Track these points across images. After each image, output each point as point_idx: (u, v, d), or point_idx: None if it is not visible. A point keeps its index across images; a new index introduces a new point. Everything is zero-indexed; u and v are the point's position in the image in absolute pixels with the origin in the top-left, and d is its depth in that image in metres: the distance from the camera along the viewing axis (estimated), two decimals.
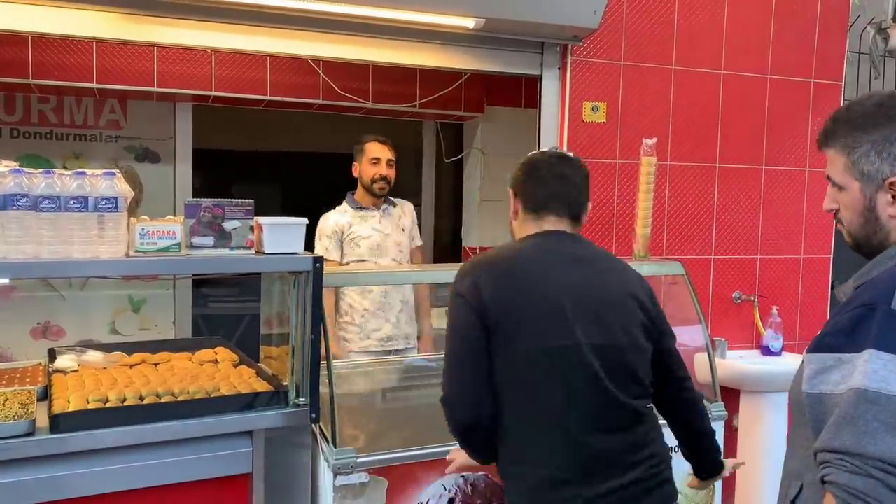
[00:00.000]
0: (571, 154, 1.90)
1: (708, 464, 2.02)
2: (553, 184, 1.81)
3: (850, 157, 1.33)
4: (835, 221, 1.45)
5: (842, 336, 1.20)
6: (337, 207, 3.53)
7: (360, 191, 3.50)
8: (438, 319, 3.60)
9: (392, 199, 3.58)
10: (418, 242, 3.68)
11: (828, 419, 1.18)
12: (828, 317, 3.79)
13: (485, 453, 1.73)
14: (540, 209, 1.80)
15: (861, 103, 1.34)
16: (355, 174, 3.50)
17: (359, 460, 2.10)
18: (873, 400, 1.11)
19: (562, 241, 1.78)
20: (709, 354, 2.75)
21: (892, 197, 1.29)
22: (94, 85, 3.64)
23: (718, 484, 2.67)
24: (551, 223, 1.80)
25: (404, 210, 3.61)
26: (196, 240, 2.06)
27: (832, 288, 3.85)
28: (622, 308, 1.74)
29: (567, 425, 1.64)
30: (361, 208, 3.47)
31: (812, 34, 3.68)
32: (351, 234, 3.41)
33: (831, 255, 3.80)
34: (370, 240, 3.40)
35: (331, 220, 3.45)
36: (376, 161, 3.42)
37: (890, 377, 1.11)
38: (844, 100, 3.87)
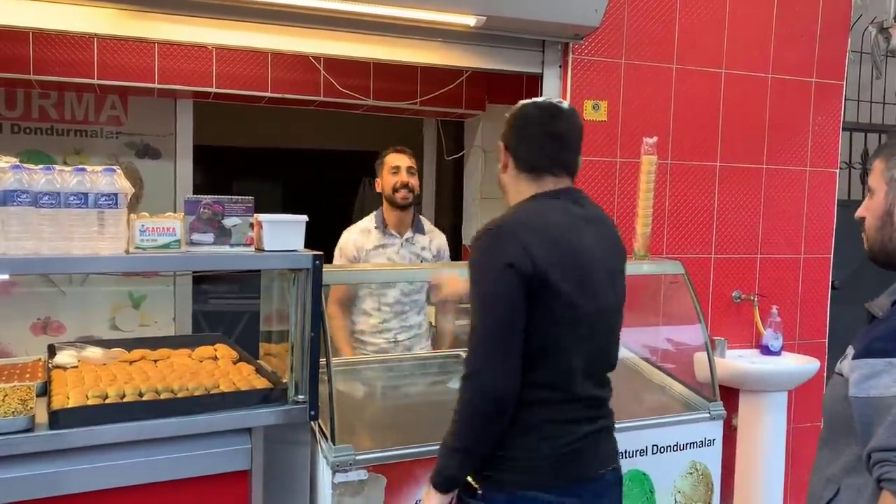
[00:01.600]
0: (566, 105, 1.82)
1: None
2: (549, 146, 1.77)
3: (887, 164, 1.40)
4: (861, 232, 1.49)
5: (892, 341, 1.25)
6: (363, 220, 3.38)
7: (385, 206, 3.30)
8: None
9: (424, 224, 3.40)
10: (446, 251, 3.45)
11: (876, 422, 1.22)
12: (827, 318, 3.80)
13: (497, 435, 1.67)
14: (536, 170, 1.77)
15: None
16: (378, 190, 3.33)
17: (357, 458, 2.10)
18: None
19: (571, 201, 1.77)
20: (708, 354, 2.75)
21: None
22: (95, 81, 3.64)
23: (717, 482, 2.68)
24: (551, 183, 1.77)
25: (433, 240, 3.38)
26: (196, 236, 2.06)
27: (833, 288, 3.85)
28: (620, 269, 1.86)
29: (581, 381, 1.72)
30: (385, 232, 3.28)
31: (814, 33, 3.67)
32: (367, 258, 3.25)
33: (831, 255, 3.80)
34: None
35: (352, 242, 3.28)
36: (396, 170, 3.24)
37: None
38: (846, 99, 3.87)
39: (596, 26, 3.08)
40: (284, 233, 2.11)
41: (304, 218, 2.14)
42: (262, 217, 2.11)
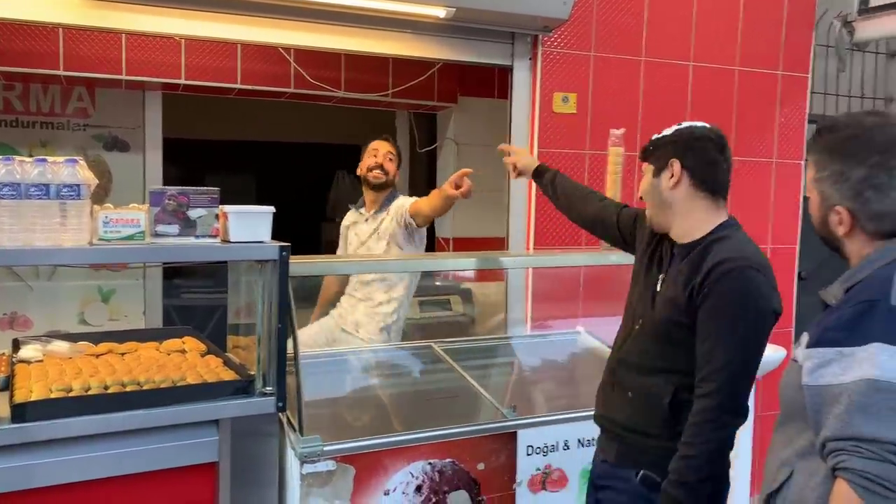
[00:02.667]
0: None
1: None
2: (724, 173, 1.87)
3: (817, 174, 1.43)
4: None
5: (842, 331, 1.28)
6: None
7: (364, 188, 3.43)
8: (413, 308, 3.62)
9: (394, 202, 3.36)
10: (409, 202, 3.30)
11: (826, 409, 1.25)
12: (794, 308, 3.86)
13: None
14: (716, 192, 1.86)
15: (840, 128, 1.42)
16: (358, 172, 3.44)
17: (325, 448, 2.11)
18: (885, 389, 1.19)
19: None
20: None
21: (840, 221, 1.40)
22: (61, 72, 3.59)
23: None
24: (724, 207, 1.89)
25: (390, 210, 3.36)
26: (161, 228, 2.04)
27: (799, 278, 3.92)
28: None
29: None
30: (359, 210, 3.45)
31: (780, 27, 3.72)
32: (347, 235, 3.49)
33: (798, 246, 3.86)
34: (352, 245, 3.45)
35: (344, 220, 3.54)
36: (374, 153, 3.36)
37: None
38: (812, 93, 3.93)
39: (565, 18, 3.10)
40: (251, 224, 2.10)
41: (271, 209, 2.13)
42: (228, 208, 2.10)
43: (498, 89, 4.49)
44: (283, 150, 6.71)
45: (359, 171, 3.43)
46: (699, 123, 1.89)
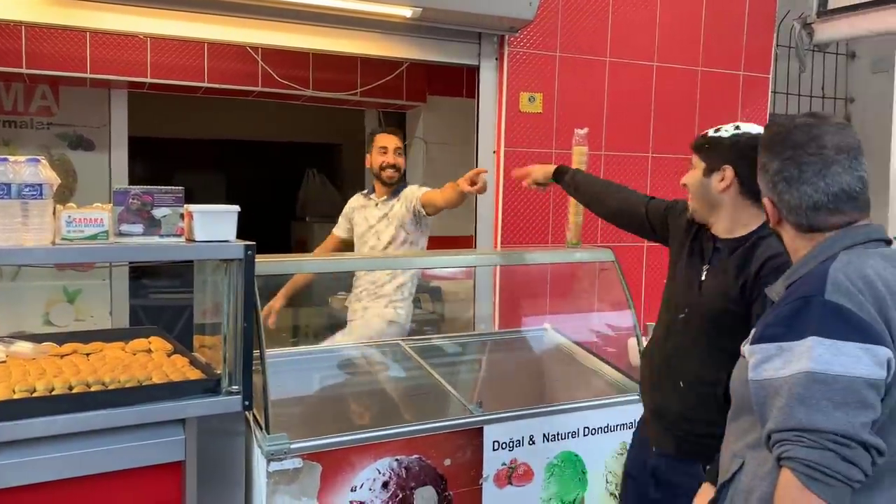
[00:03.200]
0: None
1: None
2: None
3: (762, 173, 1.50)
4: None
5: (782, 326, 1.32)
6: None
7: (375, 180, 3.48)
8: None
9: (404, 191, 3.42)
10: (420, 192, 3.36)
11: (770, 402, 1.29)
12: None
13: None
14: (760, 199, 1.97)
15: (774, 126, 1.50)
16: (367, 165, 3.51)
17: (292, 446, 2.12)
18: (821, 380, 1.23)
19: None
20: (637, 339, 2.84)
21: (770, 214, 1.49)
22: (24, 70, 3.55)
23: None
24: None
25: (401, 197, 3.42)
26: (125, 227, 2.03)
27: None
28: None
29: None
30: (370, 196, 3.49)
31: (741, 29, 3.80)
32: (353, 217, 3.52)
33: None
34: (359, 227, 3.48)
35: (351, 202, 3.57)
36: (384, 150, 3.41)
37: (833, 360, 1.23)
38: (772, 92, 4.02)
39: (530, 19, 3.13)
40: (215, 223, 2.10)
41: (236, 208, 2.13)
42: (193, 207, 2.09)
43: (466, 88, 4.52)
44: (252, 149, 6.69)
45: (368, 165, 3.50)
46: (755, 129, 1.90)
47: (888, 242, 1.45)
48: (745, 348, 1.40)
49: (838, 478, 1.21)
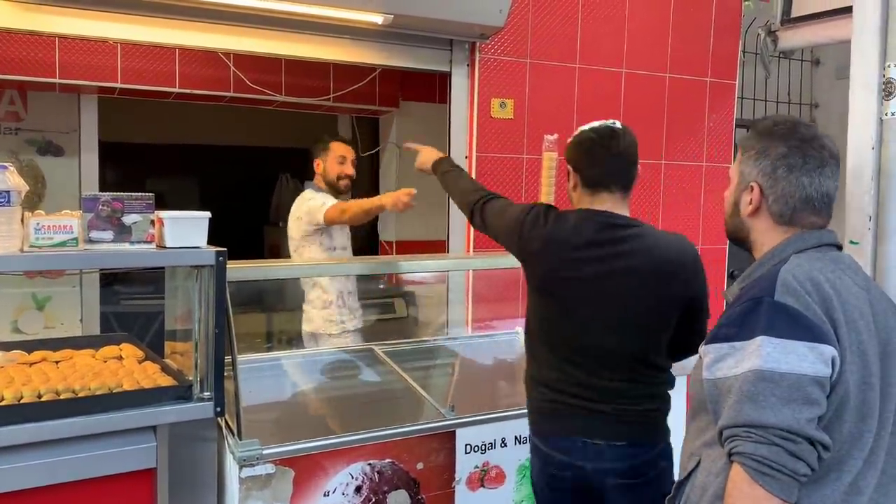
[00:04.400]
0: (619, 126, 2.06)
1: None
2: (608, 164, 2.03)
3: (742, 157, 1.55)
4: None
5: (733, 326, 1.37)
6: (316, 196, 3.41)
7: (326, 188, 3.48)
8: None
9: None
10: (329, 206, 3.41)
11: (723, 400, 1.34)
12: (724, 308, 4.00)
13: None
14: (597, 186, 2.04)
15: (770, 119, 1.56)
16: (317, 170, 3.50)
17: (264, 452, 2.12)
18: (769, 378, 1.27)
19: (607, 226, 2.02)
20: None
21: (750, 201, 1.50)
22: None
23: None
24: (601, 200, 2.04)
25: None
26: (94, 234, 2.03)
27: (730, 276, 4.07)
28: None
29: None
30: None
31: (707, 36, 3.87)
32: (328, 231, 3.42)
33: (727, 246, 4.01)
34: (341, 238, 3.46)
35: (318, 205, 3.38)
36: (342, 160, 3.47)
37: (781, 358, 1.28)
38: (739, 98, 4.10)
39: (500, 26, 3.17)
40: (186, 229, 2.10)
41: (207, 214, 2.14)
42: (163, 214, 2.10)
43: (439, 94, 4.55)
44: (225, 154, 6.65)
45: (318, 170, 3.49)
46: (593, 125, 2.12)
47: (839, 248, 1.50)
48: (701, 348, 1.44)
49: (785, 472, 1.26)
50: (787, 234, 1.48)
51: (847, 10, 3.44)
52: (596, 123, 2.09)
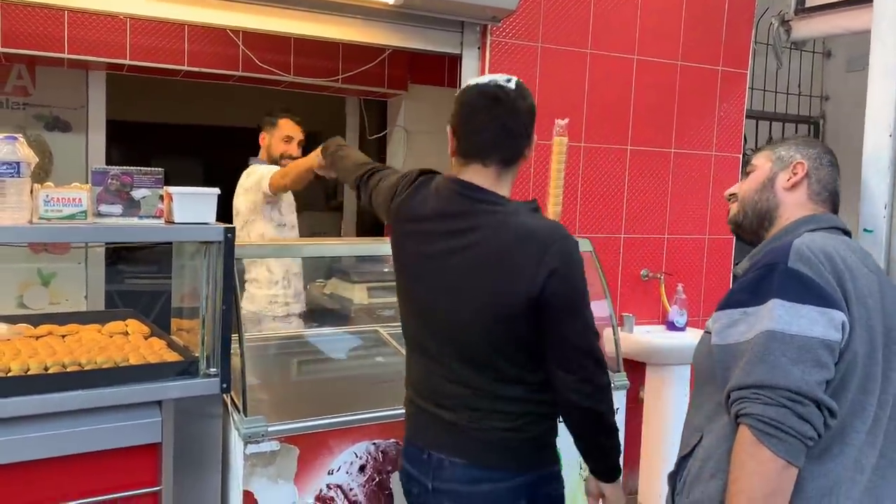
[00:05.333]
0: (512, 86, 1.69)
1: None
2: (485, 133, 1.68)
3: (772, 151, 1.61)
4: (728, 203, 1.71)
5: (746, 293, 1.39)
6: (262, 168, 3.38)
7: (266, 161, 3.48)
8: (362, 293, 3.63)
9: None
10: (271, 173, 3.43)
11: (734, 366, 1.35)
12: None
13: None
14: (468, 156, 1.72)
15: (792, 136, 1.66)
16: (262, 144, 3.49)
17: (269, 429, 2.13)
18: (780, 339, 1.29)
19: (461, 197, 1.72)
20: (613, 328, 2.87)
21: (792, 176, 1.56)
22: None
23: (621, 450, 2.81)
24: (473, 172, 1.72)
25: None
26: (103, 208, 2.02)
27: (735, 265, 4.06)
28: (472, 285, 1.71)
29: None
30: None
31: (720, 24, 3.84)
32: (278, 206, 3.39)
33: (734, 236, 3.99)
34: (291, 215, 3.44)
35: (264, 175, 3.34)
36: (288, 139, 3.43)
37: (792, 321, 1.29)
38: (749, 88, 4.07)
39: (512, 9, 3.14)
40: (195, 205, 2.10)
41: (216, 191, 2.13)
42: (173, 189, 2.09)
43: (448, 77, 4.53)
44: (230, 135, 6.63)
45: (263, 144, 3.47)
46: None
47: (847, 234, 1.52)
48: (709, 321, 1.45)
49: (792, 433, 1.26)
50: (810, 213, 1.53)
51: (864, 0, 3.41)
52: (484, 79, 1.71)
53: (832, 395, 1.31)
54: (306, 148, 3.46)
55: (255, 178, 3.32)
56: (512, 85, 1.69)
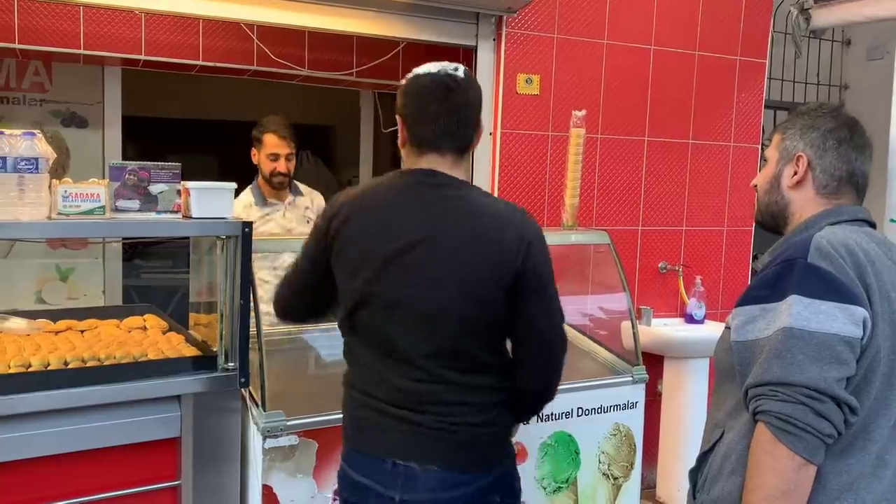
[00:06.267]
0: (461, 75, 1.68)
1: None
2: (440, 123, 1.65)
3: (782, 135, 1.54)
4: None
5: (766, 289, 1.37)
6: (242, 195, 3.40)
7: (261, 180, 3.47)
8: None
9: (300, 187, 3.56)
10: None
11: (753, 363, 1.33)
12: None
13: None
14: (423, 146, 1.68)
15: (806, 106, 1.58)
16: (254, 161, 3.48)
17: (288, 423, 2.13)
18: (798, 336, 1.27)
19: (422, 185, 1.68)
20: (631, 321, 2.85)
21: (794, 172, 1.50)
22: (16, 45, 3.50)
23: (639, 443, 2.80)
24: (430, 161, 1.68)
25: (313, 201, 3.57)
26: (121, 203, 2.03)
27: (754, 259, 4.02)
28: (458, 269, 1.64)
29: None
30: (266, 203, 3.43)
31: (739, 13, 3.79)
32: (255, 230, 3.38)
33: (753, 228, 3.96)
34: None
35: (239, 207, 3.35)
36: (275, 157, 3.39)
37: (811, 317, 1.27)
38: (767, 78, 4.02)
39: (528, 0, 3.12)
40: (213, 200, 2.10)
41: (233, 185, 2.14)
42: (190, 184, 2.09)
43: None
44: (245, 130, 6.64)
45: (255, 161, 3.45)
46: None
47: (871, 225, 1.49)
48: (731, 312, 1.43)
49: (810, 430, 1.25)
50: (826, 206, 1.48)
51: None
52: (433, 68, 1.69)
53: (855, 392, 1.29)
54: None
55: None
56: (461, 73, 1.69)
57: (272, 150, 3.39)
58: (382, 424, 1.66)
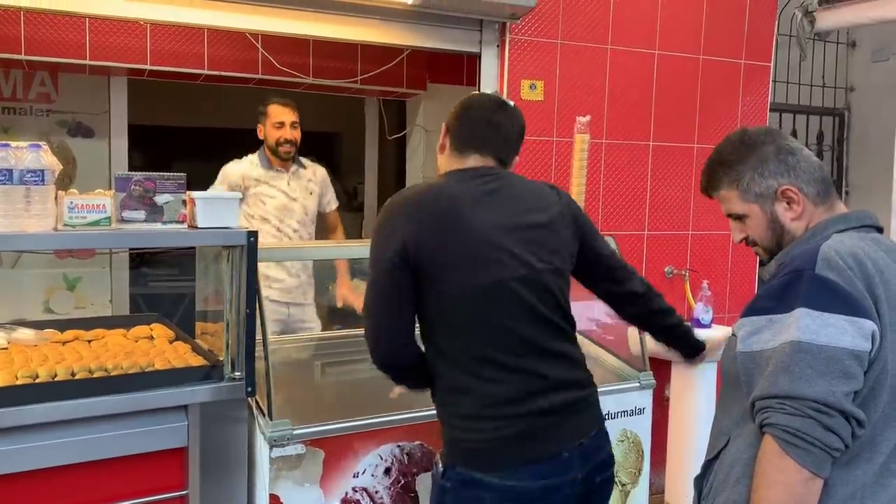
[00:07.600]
0: (511, 103, 1.90)
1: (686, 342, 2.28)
2: (484, 128, 1.83)
3: (739, 189, 1.50)
4: (751, 248, 1.60)
5: (772, 300, 1.35)
6: (246, 157, 3.50)
7: (268, 152, 3.50)
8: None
9: (303, 160, 3.60)
10: (333, 206, 3.71)
11: (758, 374, 1.32)
12: (756, 292, 3.95)
13: (411, 384, 1.91)
14: (465, 148, 1.82)
15: (726, 144, 1.54)
16: (260, 136, 3.50)
17: (295, 432, 2.13)
18: (807, 350, 1.26)
19: (477, 176, 1.79)
20: None
21: (787, 203, 1.48)
22: (23, 56, 3.53)
23: (647, 449, 2.79)
24: (474, 161, 1.82)
25: (316, 174, 3.63)
26: (127, 214, 2.03)
27: (760, 263, 4.00)
28: (542, 223, 1.81)
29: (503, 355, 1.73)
30: (271, 168, 3.46)
31: (743, 17, 3.79)
32: (258, 192, 3.41)
33: None
34: (276, 200, 3.44)
35: (237, 171, 3.44)
36: (280, 125, 3.42)
37: (819, 330, 1.26)
38: (772, 81, 4.01)
39: (532, 6, 3.12)
40: (218, 210, 2.10)
41: (238, 195, 2.15)
42: (195, 194, 2.10)
43: (466, 76, 4.51)
44: (251, 138, 6.66)
45: (261, 136, 3.49)
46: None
47: (879, 230, 1.48)
48: (736, 323, 1.42)
49: (817, 444, 1.24)
50: (827, 214, 1.47)
51: None
52: (489, 93, 1.99)
53: (862, 405, 1.28)
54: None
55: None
56: (512, 104, 1.91)
57: (277, 119, 3.42)
58: (549, 426, 1.73)
